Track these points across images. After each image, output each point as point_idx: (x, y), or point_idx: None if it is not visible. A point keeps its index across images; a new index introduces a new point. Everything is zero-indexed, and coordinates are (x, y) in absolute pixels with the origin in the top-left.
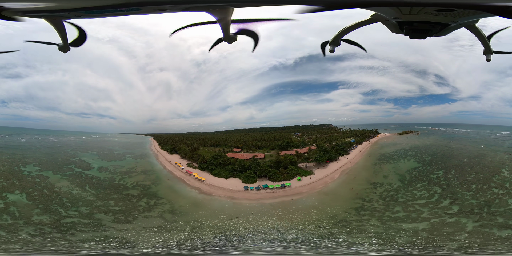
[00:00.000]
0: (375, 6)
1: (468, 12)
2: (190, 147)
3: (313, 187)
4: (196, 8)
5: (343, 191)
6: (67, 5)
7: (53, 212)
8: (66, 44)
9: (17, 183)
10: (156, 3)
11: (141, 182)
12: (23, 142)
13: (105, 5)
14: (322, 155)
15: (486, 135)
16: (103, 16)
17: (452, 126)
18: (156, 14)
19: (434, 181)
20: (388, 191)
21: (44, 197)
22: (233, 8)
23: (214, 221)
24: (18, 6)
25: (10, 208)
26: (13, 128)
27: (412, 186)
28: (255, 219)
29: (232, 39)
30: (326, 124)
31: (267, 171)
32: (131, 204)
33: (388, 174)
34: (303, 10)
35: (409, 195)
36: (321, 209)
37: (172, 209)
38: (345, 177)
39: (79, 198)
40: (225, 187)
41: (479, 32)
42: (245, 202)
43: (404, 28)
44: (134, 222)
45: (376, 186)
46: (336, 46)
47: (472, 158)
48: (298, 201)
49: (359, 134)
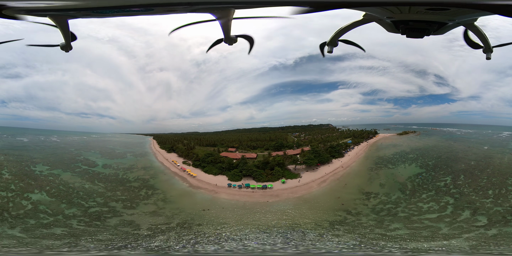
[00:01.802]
0: (362, 6)
1: (464, 11)
2: (186, 146)
3: (295, 191)
4: (202, 9)
5: (326, 200)
6: (78, 4)
7: (78, 205)
8: (68, 43)
9: (33, 183)
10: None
11: (141, 177)
12: (27, 142)
13: (118, 5)
14: (313, 158)
15: (488, 136)
16: (112, 16)
17: (452, 126)
18: (166, 14)
19: (442, 189)
20: (384, 203)
21: (62, 193)
22: (234, 9)
23: (190, 210)
24: (23, 4)
25: (40, 207)
26: (13, 128)
27: (416, 197)
28: (220, 213)
29: (233, 41)
30: (325, 124)
31: (252, 171)
32: (133, 194)
33: (386, 182)
34: (295, 12)
35: (413, 208)
36: (289, 216)
37: (164, 198)
38: (334, 184)
39: (92, 191)
40: (212, 183)
41: (479, 31)
42: (223, 198)
43: (400, 27)
44: (137, 208)
45: (369, 196)
46: (334, 46)
47: (480, 160)
48: (273, 204)
49: (357, 134)
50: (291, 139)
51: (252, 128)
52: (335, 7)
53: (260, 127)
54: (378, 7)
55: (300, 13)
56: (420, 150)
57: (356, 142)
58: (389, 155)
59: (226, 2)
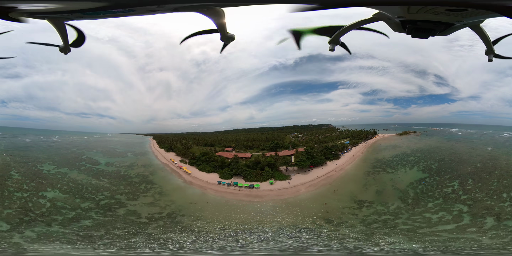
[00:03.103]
0: (382, 5)
1: (476, 12)
2: (184, 145)
3: (281, 193)
4: (185, 8)
5: (311, 205)
6: (69, 7)
7: (89, 199)
8: (67, 45)
9: (43, 182)
10: (148, 4)
11: (141, 173)
12: (29, 142)
13: (99, 7)
14: (305, 160)
15: (489, 136)
16: (102, 17)
17: (452, 126)
18: (149, 15)
19: (451, 196)
20: (379, 214)
21: (73, 189)
22: (222, 8)
23: (180, 202)
24: (28, 7)
25: (58, 204)
26: (13, 128)
27: (421, 207)
28: (203, 207)
29: (230, 39)
30: (325, 124)
31: (242, 170)
32: (135, 188)
33: (383, 189)
34: (299, 9)
35: (419, 220)
36: (262, 218)
37: (161, 191)
38: (324, 189)
39: (99, 186)
40: (204, 180)
41: (483, 32)
42: (211, 193)
43: (407, 27)
44: (138, 200)
45: (362, 205)
46: (336, 44)
47: (485, 162)
48: (253, 204)
49: (355, 135)
50: (288, 140)
51: (252, 128)
52: (350, 5)
53: (260, 127)
54: (395, 5)
55: (303, 10)
56: (422, 152)
57: (354, 143)
58: (388, 157)
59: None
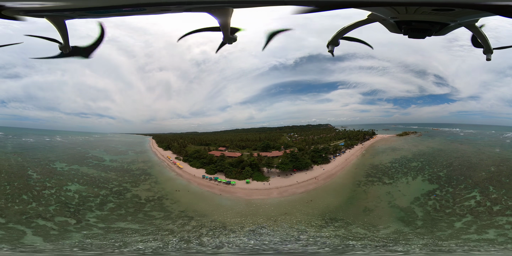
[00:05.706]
0: (370, 6)
1: (467, 12)
2: (180, 144)
3: (251, 193)
4: (198, 8)
5: (268, 212)
6: (71, 5)
7: (103, 188)
8: (67, 44)
9: (62, 178)
10: (161, 4)
11: (141, 167)
12: (34, 143)
13: (110, 5)
14: (287, 162)
15: (492, 136)
16: (107, 16)
17: (451, 126)
18: (160, 14)
19: (480, 210)
20: (345, 238)
21: (88, 181)
22: (233, 9)
23: (169, 189)
24: (20, 5)
25: (83, 193)
26: (13, 128)
27: (445, 229)
28: (184, 195)
29: (232, 40)
30: (324, 124)
31: (225, 168)
32: (136, 178)
33: (376, 207)
34: (299, 11)
35: (460, 244)
36: (217, 210)
37: (156, 181)
38: (297, 197)
39: (108, 177)
40: (191, 174)
41: (479, 32)
42: (194, 185)
43: (402, 27)
44: (139, 187)
45: (329, 224)
46: (335, 46)
47: (498, 165)
48: (221, 197)
49: (352, 135)
50: (285, 140)
51: (251, 128)
52: (342, 6)
53: (259, 127)
54: (386, 7)
55: (302, 13)
56: (425, 156)
57: (349, 144)
58: (386, 163)
59: (223, 1)
